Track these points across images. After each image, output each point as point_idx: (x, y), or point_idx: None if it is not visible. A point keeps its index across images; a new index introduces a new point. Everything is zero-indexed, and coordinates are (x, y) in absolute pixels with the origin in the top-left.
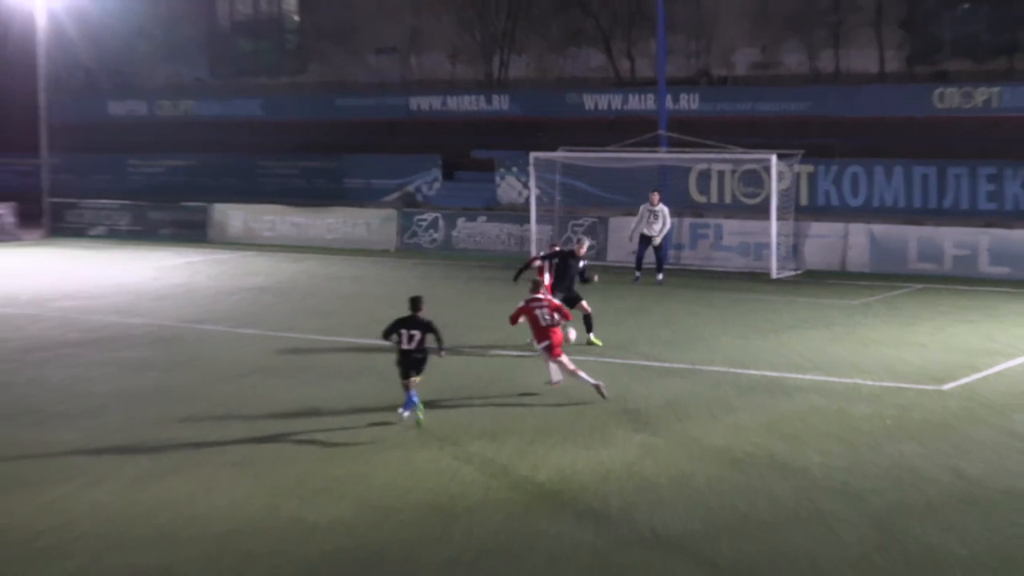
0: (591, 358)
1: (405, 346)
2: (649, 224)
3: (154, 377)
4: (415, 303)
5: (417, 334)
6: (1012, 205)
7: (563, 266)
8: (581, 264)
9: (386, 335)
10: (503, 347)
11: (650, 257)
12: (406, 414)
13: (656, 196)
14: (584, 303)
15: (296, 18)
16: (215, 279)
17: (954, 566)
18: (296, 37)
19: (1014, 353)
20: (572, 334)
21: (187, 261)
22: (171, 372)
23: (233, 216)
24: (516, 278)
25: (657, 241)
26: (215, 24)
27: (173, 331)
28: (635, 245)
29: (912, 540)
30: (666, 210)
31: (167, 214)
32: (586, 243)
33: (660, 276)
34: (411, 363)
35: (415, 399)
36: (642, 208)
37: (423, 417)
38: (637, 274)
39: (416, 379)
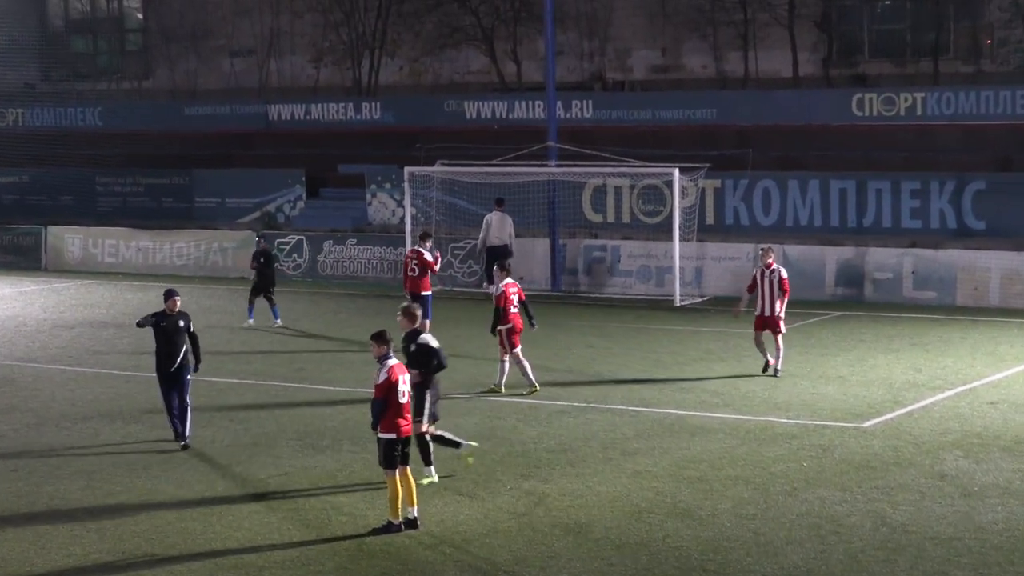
0: (476, 395)
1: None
2: None
3: None
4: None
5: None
6: (938, 223)
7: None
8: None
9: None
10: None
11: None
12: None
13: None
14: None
15: (139, 16)
16: (51, 311)
17: None
18: (140, 37)
19: (941, 386)
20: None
21: (19, 291)
22: (0, 416)
23: (70, 240)
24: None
25: None
26: (47, 23)
27: (2, 370)
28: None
29: None
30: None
31: None
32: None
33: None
34: None
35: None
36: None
37: None
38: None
39: None
